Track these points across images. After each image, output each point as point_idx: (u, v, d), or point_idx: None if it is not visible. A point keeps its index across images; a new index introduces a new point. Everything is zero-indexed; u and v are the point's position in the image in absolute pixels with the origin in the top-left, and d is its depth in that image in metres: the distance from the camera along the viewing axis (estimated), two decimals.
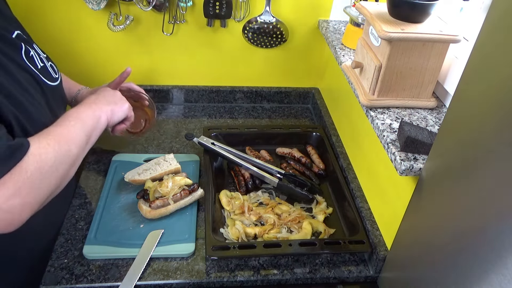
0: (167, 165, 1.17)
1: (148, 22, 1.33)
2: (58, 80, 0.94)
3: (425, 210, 0.76)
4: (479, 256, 0.59)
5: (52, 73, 0.92)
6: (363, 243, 0.99)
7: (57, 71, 0.96)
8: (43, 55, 0.93)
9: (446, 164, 0.69)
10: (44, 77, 0.87)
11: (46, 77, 0.88)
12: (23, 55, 0.83)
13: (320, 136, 1.34)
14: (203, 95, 1.51)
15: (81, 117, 0.85)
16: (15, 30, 0.86)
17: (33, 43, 0.92)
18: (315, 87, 1.57)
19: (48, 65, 0.92)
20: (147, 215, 1.03)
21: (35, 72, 0.84)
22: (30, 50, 0.86)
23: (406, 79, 0.89)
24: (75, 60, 1.39)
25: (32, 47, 0.89)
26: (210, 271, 0.95)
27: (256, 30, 1.37)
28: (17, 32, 0.87)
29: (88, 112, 0.89)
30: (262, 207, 1.11)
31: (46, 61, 0.92)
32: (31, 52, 0.86)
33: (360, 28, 1.16)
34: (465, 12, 0.93)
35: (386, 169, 0.98)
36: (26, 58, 0.83)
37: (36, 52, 0.89)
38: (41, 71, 0.87)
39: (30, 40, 0.92)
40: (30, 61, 0.84)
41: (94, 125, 0.88)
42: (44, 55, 0.94)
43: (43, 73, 0.87)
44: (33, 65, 0.85)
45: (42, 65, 0.88)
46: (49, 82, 0.89)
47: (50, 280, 0.90)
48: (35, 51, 0.89)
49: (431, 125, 0.86)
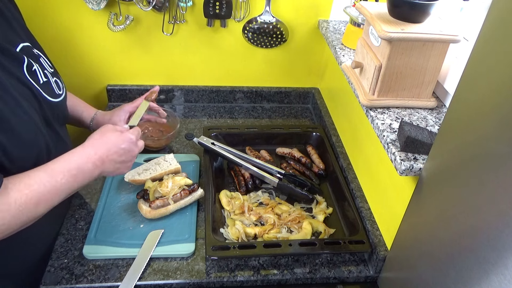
0: (167, 165, 1.17)
1: (148, 22, 1.33)
2: (61, 97, 0.92)
3: (425, 210, 0.76)
4: (479, 256, 0.59)
5: (55, 89, 0.91)
6: (363, 243, 0.99)
7: (61, 87, 0.94)
8: (50, 70, 0.92)
9: (446, 164, 0.69)
10: (45, 92, 0.86)
11: (48, 93, 0.87)
12: (24, 69, 0.82)
13: (320, 136, 1.34)
14: (203, 95, 1.51)
15: (77, 174, 0.82)
16: (21, 43, 0.85)
17: (41, 57, 0.91)
18: (315, 87, 1.57)
19: (53, 81, 0.91)
20: (147, 215, 1.03)
21: (35, 87, 0.83)
22: (33, 65, 0.85)
23: (406, 79, 0.89)
24: (75, 60, 1.39)
25: (38, 61, 0.88)
26: (210, 271, 0.95)
27: (256, 30, 1.37)
28: (23, 44, 0.86)
29: (88, 168, 0.84)
30: (262, 207, 1.11)
31: (50, 76, 0.90)
32: (34, 67, 0.85)
33: (360, 28, 1.16)
34: (465, 12, 0.93)
35: (386, 169, 0.98)
36: (27, 72, 0.82)
37: (41, 66, 0.88)
38: (42, 86, 0.85)
39: (38, 53, 0.90)
40: (31, 75, 0.83)
41: (85, 182, 0.85)
42: (51, 69, 0.92)
43: (45, 88, 0.86)
44: (35, 80, 0.84)
45: (45, 80, 0.87)
46: (50, 98, 0.87)
47: (50, 280, 0.90)
48: (40, 65, 0.88)
49: (431, 125, 0.86)
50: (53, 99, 0.88)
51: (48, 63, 0.93)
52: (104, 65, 1.42)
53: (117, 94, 1.47)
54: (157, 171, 1.15)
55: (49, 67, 0.93)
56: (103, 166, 0.87)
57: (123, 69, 1.44)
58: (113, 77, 1.46)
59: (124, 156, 0.91)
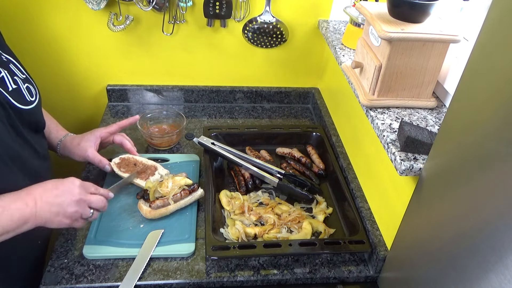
0: (157, 177, 1.12)
1: (148, 22, 1.33)
2: (33, 104, 0.89)
3: (425, 210, 0.76)
4: (479, 256, 0.59)
5: (26, 96, 0.87)
6: (363, 243, 0.99)
7: (34, 94, 0.91)
8: (21, 76, 0.89)
9: (446, 164, 0.69)
10: (14, 99, 0.83)
11: (18, 100, 0.84)
12: None
13: (320, 136, 1.34)
14: (203, 95, 1.51)
15: (1, 211, 0.73)
16: None
17: (11, 63, 0.88)
18: (315, 87, 1.57)
19: (24, 87, 0.88)
20: (147, 215, 1.03)
21: (3, 95, 0.80)
22: (0, 72, 0.83)
23: (406, 79, 0.89)
24: (75, 60, 1.39)
25: (6, 67, 0.85)
26: (210, 271, 0.95)
27: (256, 30, 1.37)
28: None
29: (16, 207, 0.75)
30: (262, 207, 1.11)
31: (21, 83, 0.87)
32: (2, 74, 0.83)
33: (360, 28, 1.16)
34: (465, 12, 0.93)
35: (386, 169, 0.98)
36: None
37: (10, 73, 0.85)
38: (12, 93, 0.83)
39: (7, 59, 0.88)
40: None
41: (12, 224, 0.74)
42: (22, 75, 0.90)
43: (14, 95, 0.83)
44: (3, 87, 0.81)
45: (14, 87, 0.85)
46: (20, 106, 0.84)
47: (50, 280, 0.90)
48: (10, 71, 0.85)
49: (431, 125, 0.86)
50: (23, 106, 0.85)
51: (20, 69, 0.90)
52: (104, 65, 1.42)
53: (117, 94, 1.47)
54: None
55: (21, 73, 0.90)
56: (36, 207, 0.76)
57: (123, 69, 1.44)
58: (113, 77, 1.46)
59: (61, 198, 0.79)
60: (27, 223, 0.76)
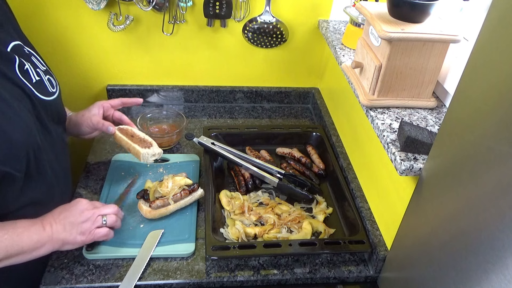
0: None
1: (148, 22, 1.33)
2: (54, 95, 0.91)
3: (425, 210, 0.76)
4: (479, 256, 0.59)
5: (48, 87, 0.90)
6: (363, 243, 0.99)
7: (55, 85, 0.93)
8: (42, 68, 0.91)
9: (446, 164, 0.69)
10: (38, 91, 0.85)
11: (41, 92, 0.86)
12: (16, 69, 0.81)
13: (320, 136, 1.34)
14: (203, 95, 1.51)
15: (21, 235, 0.78)
16: (12, 41, 0.85)
17: (32, 55, 0.90)
18: (315, 87, 1.57)
19: (46, 79, 0.90)
20: (147, 215, 1.03)
21: (27, 87, 0.82)
22: (25, 64, 0.84)
23: (406, 79, 0.89)
24: (75, 60, 1.39)
25: (29, 60, 0.87)
26: (210, 271, 0.95)
27: (256, 30, 1.37)
28: (14, 43, 0.85)
29: (37, 230, 0.81)
30: (262, 207, 1.11)
31: (43, 75, 0.89)
32: (26, 66, 0.84)
33: (360, 28, 1.16)
34: (465, 12, 0.93)
35: (386, 169, 0.98)
36: (19, 72, 0.82)
37: (33, 65, 0.87)
38: (35, 85, 0.85)
39: (29, 52, 0.90)
40: (24, 75, 0.83)
41: (29, 246, 0.79)
42: (43, 67, 0.92)
43: (37, 87, 0.85)
44: (27, 79, 0.83)
45: (38, 79, 0.86)
46: (43, 97, 0.87)
47: (50, 280, 0.90)
48: (32, 64, 0.87)
49: (431, 125, 0.86)
50: (46, 97, 0.88)
51: (41, 61, 0.92)
52: (104, 65, 1.42)
53: (117, 94, 1.47)
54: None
55: (42, 65, 0.92)
56: (52, 230, 0.83)
57: (123, 69, 1.44)
58: (113, 77, 1.46)
59: (72, 216, 0.86)
60: (44, 245, 0.82)
